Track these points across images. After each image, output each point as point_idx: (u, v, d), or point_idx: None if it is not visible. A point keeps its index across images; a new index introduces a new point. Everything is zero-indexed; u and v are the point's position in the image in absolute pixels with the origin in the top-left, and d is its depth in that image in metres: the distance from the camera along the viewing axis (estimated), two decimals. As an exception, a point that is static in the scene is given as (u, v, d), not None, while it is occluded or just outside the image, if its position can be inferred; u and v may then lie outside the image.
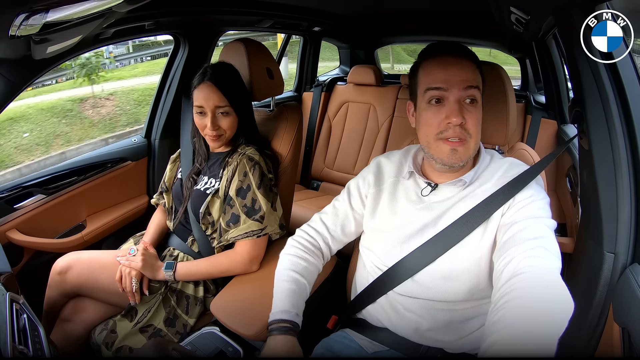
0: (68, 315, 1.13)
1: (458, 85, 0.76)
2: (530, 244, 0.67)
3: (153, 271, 1.10)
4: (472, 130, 0.77)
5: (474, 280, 0.77)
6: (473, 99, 0.77)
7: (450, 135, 0.77)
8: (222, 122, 1.12)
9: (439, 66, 0.78)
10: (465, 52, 0.79)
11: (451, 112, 0.76)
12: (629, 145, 0.80)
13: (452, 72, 0.77)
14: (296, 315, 0.81)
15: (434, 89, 0.77)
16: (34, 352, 0.62)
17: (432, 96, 0.78)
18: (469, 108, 0.77)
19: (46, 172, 1.39)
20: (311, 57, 2.60)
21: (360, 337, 0.88)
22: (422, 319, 0.81)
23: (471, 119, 0.77)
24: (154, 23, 1.36)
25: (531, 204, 0.74)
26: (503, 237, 0.72)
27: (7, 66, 0.98)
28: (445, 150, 0.78)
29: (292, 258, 0.90)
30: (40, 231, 1.34)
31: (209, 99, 1.10)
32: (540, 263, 0.64)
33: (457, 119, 0.75)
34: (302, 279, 0.87)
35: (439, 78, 0.77)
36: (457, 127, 0.76)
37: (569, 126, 1.82)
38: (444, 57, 0.78)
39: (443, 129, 0.77)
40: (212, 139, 1.14)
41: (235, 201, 1.10)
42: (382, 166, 0.94)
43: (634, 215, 0.80)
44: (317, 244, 0.95)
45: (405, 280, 0.82)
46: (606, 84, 0.80)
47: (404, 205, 0.86)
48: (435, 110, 0.78)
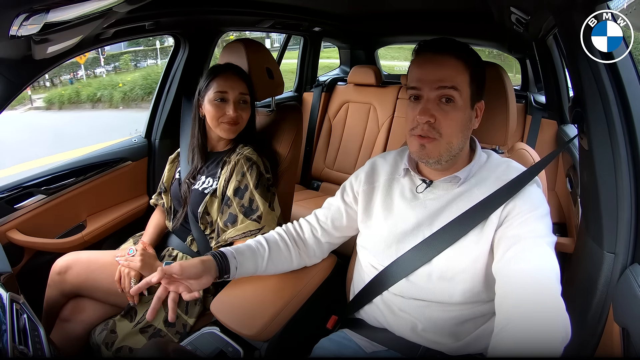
0: (68, 316, 1.13)
1: (430, 84, 0.77)
2: (533, 268, 0.67)
3: (152, 271, 1.09)
4: (443, 130, 0.77)
5: (469, 282, 0.77)
6: (449, 98, 0.76)
7: (417, 133, 0.78)
8: (242, 111, 1.16)
9: (417, 65, 0.80)
10: (449, 48, 0.78)
11: (419, 110, 0.77)
12: (629, 145, 0.80)
13: (426, 71, 0.77)
14: (232, 255, 0.88)
15: (411, 87, 0.79)
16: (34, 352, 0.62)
17: (411, 94, 0.80)
18: (443, 107, 0.77)
19: (46, 172, 1.39)
20: (311, 57, 2.60)
21: (358, 337, 0.89)
22: (417, 320, 0.81)
23: (444, 118, 0.77)
24: (154, 23, 1.36)
25: (534, 221, 0.73)
26: (506, 253, 0.71)
27: (7, 66, 0.99)
28: (415, 145, 0.80)
29: (268, 233, 0.98)
30: (40, 231, 1.34)
31: (234, 85, 1.14)
32: (541, 289, 0.65)
33: (421, 117, 0.76)
34: (263, 243, 0.93)
35: (413, 77, 0.79)
36: (425, 125, 0.77)
37: (569, 126, 1.82)
38: (423, 55, 0.79)
39: (414, 125, 0.78)
40: (229, 126, 1.15)
41: (232, 201, 1.10)
42: (376, 165, 0.94)
43: (634, 215, 0.80)
44: (302, 234, 0.97)
45: (399, 281, 0.82)
46: (606, 84, 0.80)
47: (399, 203, 0.86)
48: (412, 106, 0.79)
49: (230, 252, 0.89)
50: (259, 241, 0.94)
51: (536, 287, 0.65)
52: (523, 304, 0.63)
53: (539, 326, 0.60)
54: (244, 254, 0.90)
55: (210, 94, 1.14)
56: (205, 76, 1.18)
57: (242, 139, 1.20)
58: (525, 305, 0.63)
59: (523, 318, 0.62)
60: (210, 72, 1.17)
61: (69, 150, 3.84)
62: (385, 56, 3.04)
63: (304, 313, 0.98)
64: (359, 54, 2.88)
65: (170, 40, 1.69)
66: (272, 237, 0.96)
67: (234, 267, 0.87)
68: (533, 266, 0.68)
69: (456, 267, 0.77)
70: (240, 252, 0.90)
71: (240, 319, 0.95)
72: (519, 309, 0.63)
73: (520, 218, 0.74)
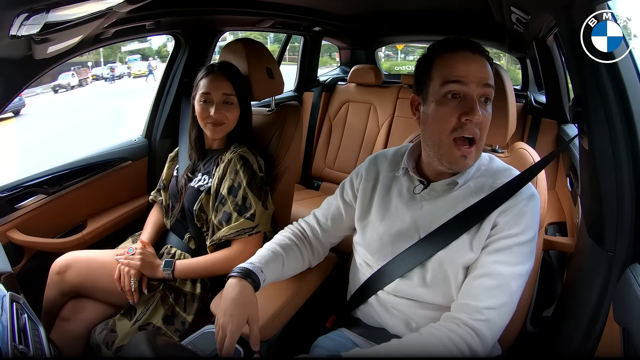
0: (68, 315, 1.13)
1: (477, 81, 0.74)
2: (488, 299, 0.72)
3: (152, 270, 1.10)
4: (483, 132, 0.76)
5: (460, 284, 0.77)
6: (488, 98, 0.76)
7: (467, 133, 0.74)
8: (227, 111, 1.15)
9: (461, 59, 0.75)
10: (483, 50, 0.78)
11: (470, 108, 0.73)
12: (630, 145, 0.80)
13: (473, 67, 0.75)
14: (259, 270, 0.84)
15: (454, 82, 0.74)
16: (35, 352, 0.62)
17: (450, 90, 0.75)
18: (484, 107, 0.75)
19: (47, 172, 1.39)
20: (311, 57, 2.59)
21: (355, 336, 0.89)
22: (411, 319, 0.81)
23: (485, 119, 0.75)
24: (154, 23, 1.36)
25: (517, 246, 0.75)
26: (478, 270, 0.75)
27: (8, 66, 0.98)
28: (455, 155, 0.76)
29: (277, 236, 0.96)
30: (40, 231, 1.34)
31: (217, 87, 1.14)
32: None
33: (479, 115, 0.73)
34: (279, 249, 0.91)
35: (460, 71, 0.74)
36: (473, 125, 0.74)
37: (569, 126, 1.82)
38: (465, 52, 0.76)
39: (457, 125, 0.75)
40: (213, 126, 1.15)
41: (227, 199, 1.11)
42: (377, 162, 0.93)
43: (634, 215, 0.80)
44: (305, 234, 0.97)
45: (394, 280, 0.82)
46: (606, 84, 0.80)
47: (396, 203, 0.86)
48: (453, 105, 0.75)
49: (260, 268, 0.85)
50: (275, 249, 0.91)
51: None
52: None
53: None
54: (268, 264, 0.87)
55: (197, 95, 1.16)
56: (198, 76, 1.19)
57: (237, 138, 1.20)
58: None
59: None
60: (201, 72, 1.18)
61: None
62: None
63: (304, 313, 0.98)
64: (359, 54, 2.88)
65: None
66: (284, 241, 0.94)
67: (262, 281, 0.84)
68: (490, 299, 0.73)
69: (449, 270, 0.77)
70: (266, 264, 0.87)
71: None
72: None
73: (501, 242, 0.75)
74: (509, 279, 0.73)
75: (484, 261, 0.75)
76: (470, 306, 0.71)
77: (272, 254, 0.89)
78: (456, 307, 0.74)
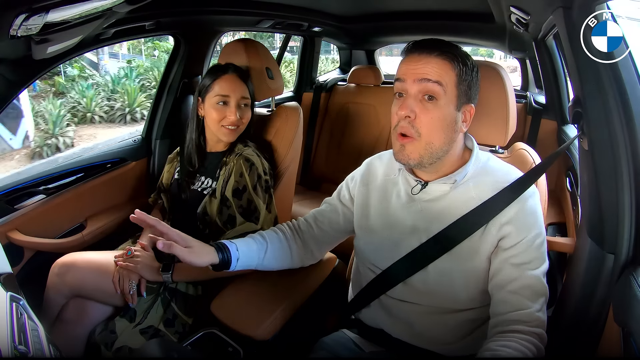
0: (68, 316, 1.13)
1: (413, 77, 0.75)
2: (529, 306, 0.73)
3: (151, 272, 1.10)
4: (423, 129, 0.76)
5: (464, 289, 0.77)
6: (431, 95, 0.75)
7: (399, 130, 0.77)
8: (243, 114, 1.15)
9: (408, 59, 0.78)
10: (437, 47, 0.76)
11: (400, 104, 0.76)
12: (629, 145, 0.80)
13: (412, 65, 0.76)
14: (235, 248, 0.86)
15: (397, 80, 0.78)
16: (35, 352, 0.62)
17: (395, 89, 0.79)
18: (425, 104, 0.75)
19: (47, 172, 1.40)
20: (311, 58, 2.59)
21: (357, 337, 0.89)
22: (413, 323, 0.81)
23: (424, 115, 0.75)
24: (154, 23, 1.36)
25: (529, 250, 0.75)
26: (504, 280, 0.75)
27: (7, 66, 0.99)
28: (396, 145, 0.79)
29: (267, 230, 0.98)
30: (40, 231, 1.34)
31: (236, 89, 1.14)
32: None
33: (403, 111, 0.75)
34: (262, 238, 0.92)
35: (402, 69, 0.78)
36: (405, 120, 0.76)
37: (569, 126, 1.82)
38: (411, 52, 0.78)
39: (396, 122, 0.78)
40: (231, 130, 1.15)
41: (231, 202, 1.10)
42: (372, 166, 0.94)
43: (634, 215, 0.80)
44: (299, 230, 0.97)
45: (397, 285, 0.82)
46: (606, 84, 0.80)
47: (395, 205, 0.86)
48: (395, 103, 0.79)
49: (232, 243, 0.87)
50: (258, 237, 0.93)
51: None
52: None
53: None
54: (248, 245, 0.89)
55: (212, 97, 1.14)
56: (206, 76, 1.18)
57: (240, 140, 1.19)
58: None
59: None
60: (212, 73, 1.17)
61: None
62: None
63: (304, 313, 0.98)
64: (359, 54, 2.88)
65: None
66: (270, 233, 0.96)
67: (235, 259, 0.85)
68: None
69: (452, 274, 0.77)
70: (244, 245, 0.89)
71: (242, 318, 0.96)
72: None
73: (523, 249, 0.75)
74: (541, 278, 0.75)
75: (514, 273, 0.75)
76: (522, 315, 0.72)
77: (252, 240, 0.91)
78: (507, 321, 0.73)
